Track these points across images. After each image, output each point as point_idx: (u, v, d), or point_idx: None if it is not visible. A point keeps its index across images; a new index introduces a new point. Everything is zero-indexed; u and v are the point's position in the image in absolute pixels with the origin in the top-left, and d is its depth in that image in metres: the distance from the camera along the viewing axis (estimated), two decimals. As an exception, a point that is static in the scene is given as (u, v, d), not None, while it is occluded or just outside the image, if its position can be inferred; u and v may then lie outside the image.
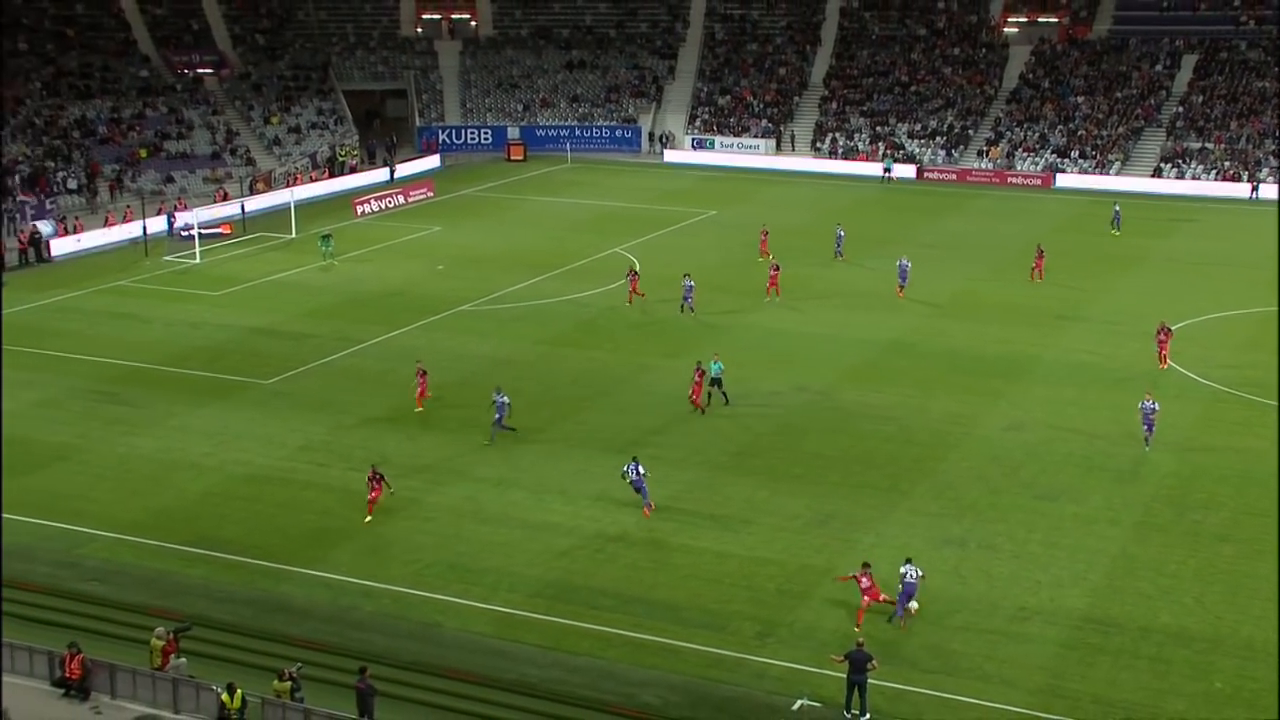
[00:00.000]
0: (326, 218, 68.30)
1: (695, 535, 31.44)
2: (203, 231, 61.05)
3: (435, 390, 40.91)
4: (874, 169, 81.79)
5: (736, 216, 66.30)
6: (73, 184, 70.66)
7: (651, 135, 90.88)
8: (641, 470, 32.25)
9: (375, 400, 40.03)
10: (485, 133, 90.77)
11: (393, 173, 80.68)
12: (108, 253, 61.00)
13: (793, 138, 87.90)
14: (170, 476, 34.44)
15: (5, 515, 31.58)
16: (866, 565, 27.75)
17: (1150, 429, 36.24)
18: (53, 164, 71.83)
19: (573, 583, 29.16)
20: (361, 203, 70.42)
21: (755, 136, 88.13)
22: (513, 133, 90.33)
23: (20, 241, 58.56)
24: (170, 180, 75.01)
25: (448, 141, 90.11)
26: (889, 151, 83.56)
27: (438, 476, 34.58)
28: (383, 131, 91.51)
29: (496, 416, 36.46)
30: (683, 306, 48.25)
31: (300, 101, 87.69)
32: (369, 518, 31.94)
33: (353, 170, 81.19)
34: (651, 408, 39.75)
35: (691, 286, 49.10)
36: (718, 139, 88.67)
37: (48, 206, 65.15)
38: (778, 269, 51.43)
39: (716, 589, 29.01)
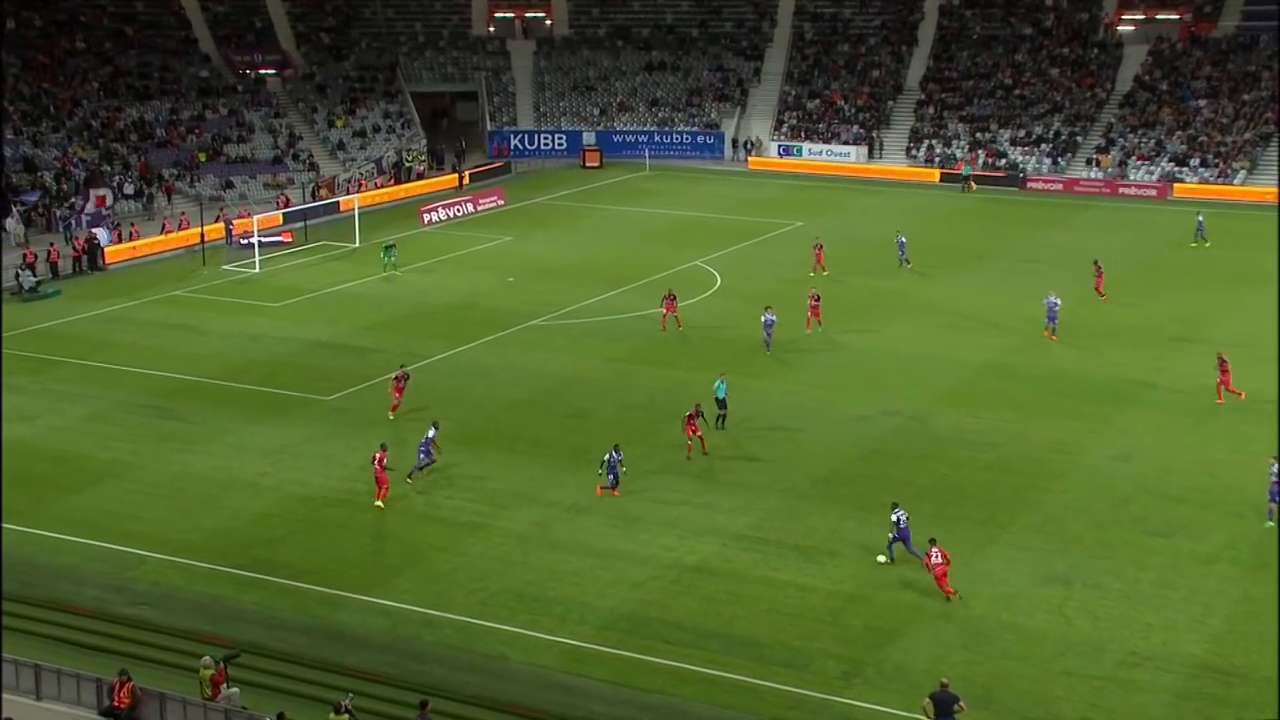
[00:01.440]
0: (391, 226, 69.16)
1: (777, 567, 31.29)
2: (262, 240, 62.11)
3: (505, 408, 41.21)
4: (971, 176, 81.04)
5: (824, 228, 66.00)
6: (129, 189, 72.34)
7: (735, 141, 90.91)
8: (621, 457, 34.69)
9: (441, 415, 40.38)
10: (559, 138, 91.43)
11: (461, 179, 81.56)
12: (164, 261, 62.33)
13: (881, 145, 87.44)
14: (225, 496, 35.02)
15: (53, 535, 32.41)
16: (933, 541, 29.85)
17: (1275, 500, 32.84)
18: (109, 168, 73.59)
19: (646, 615, 29.14)
20: (428, 211, 71.26)
21: (846, 143, 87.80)
22: (588, 138, 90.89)
23: (75, 248, 59.99)
24: (229, 185, 76.49)
25: (520, 147, 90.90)
26: (968, 159, 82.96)
27: (505, 500, 34.78)
28: (451, 136, 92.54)
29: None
30: (766, 344, 46.67)
31: (366, 104, 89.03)
32: (378, 502, 34.02)
33: (420, 176, 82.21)
34: (733, 430, 39.65)
35: (773, 321, 46.51)
36: (805, 145, 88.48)
37: (104, 212, 66.71)
38: (818, 299, 48.91)
39: (799, 624, 28.83)
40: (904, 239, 59.59)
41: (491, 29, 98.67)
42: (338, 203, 71.67)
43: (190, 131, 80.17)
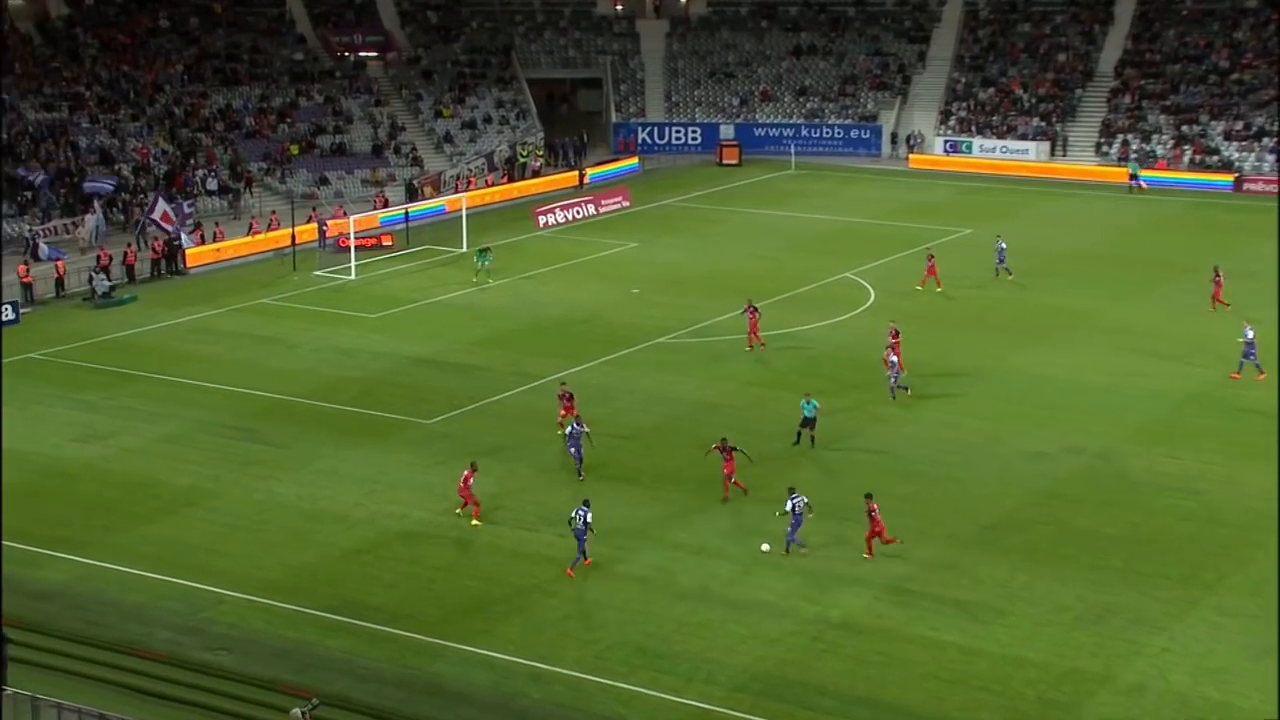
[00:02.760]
0: (502, 229, 70.12)
1: (936, 625, 30.96)
2: (359, 243, 63.45)
3: (626, 437, 41.44)
4: (1182, 178, 79.46)
5: (996, 236, 65.05)
6: (212, 184, 74.47)
7: (894, 136, 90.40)
8: (589, 520, 33.04)
9: (555, 446, 40.77)
10: (693, 131, 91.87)
11: (582, 178, 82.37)
12: (250, 265, 64.00)
13: (1066, 141, 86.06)
14: (313, 529, 35.79)
15: (123, 569, 33.40)
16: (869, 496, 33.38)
17: None
18: (192, 161, 75.86)
19: (784, 675, 29.04)
20: (544, 213, 72.08)
21: (1024, 138, 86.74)
22: (726, 131, 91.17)
23: (154, 250, 61.90)
24: (324, 181, 78.31)
25: (648, 141, 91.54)
26: (1134, 157, 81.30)
27: (626, 540, 34.98)
28: (571, 128, 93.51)
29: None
30: (892, 391, 45.16)
31: (477, 91, 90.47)
32: (475, 521, 35.43)
33: (535, 173, 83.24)
34: (886, 468, 39.44)
35: (895, 355, 45.19)
36: (976, 141, 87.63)
37: (186, 210, 68.73)
38: (897, 335, 46.19)
39: (961, 692, 28.49)
40: (1004, 245, 59.39)
41: (619, 7, 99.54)
42: (444, 203, 72.84)
43: (281, 120, 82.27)
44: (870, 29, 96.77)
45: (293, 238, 64.72)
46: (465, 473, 36.18)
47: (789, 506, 34.12)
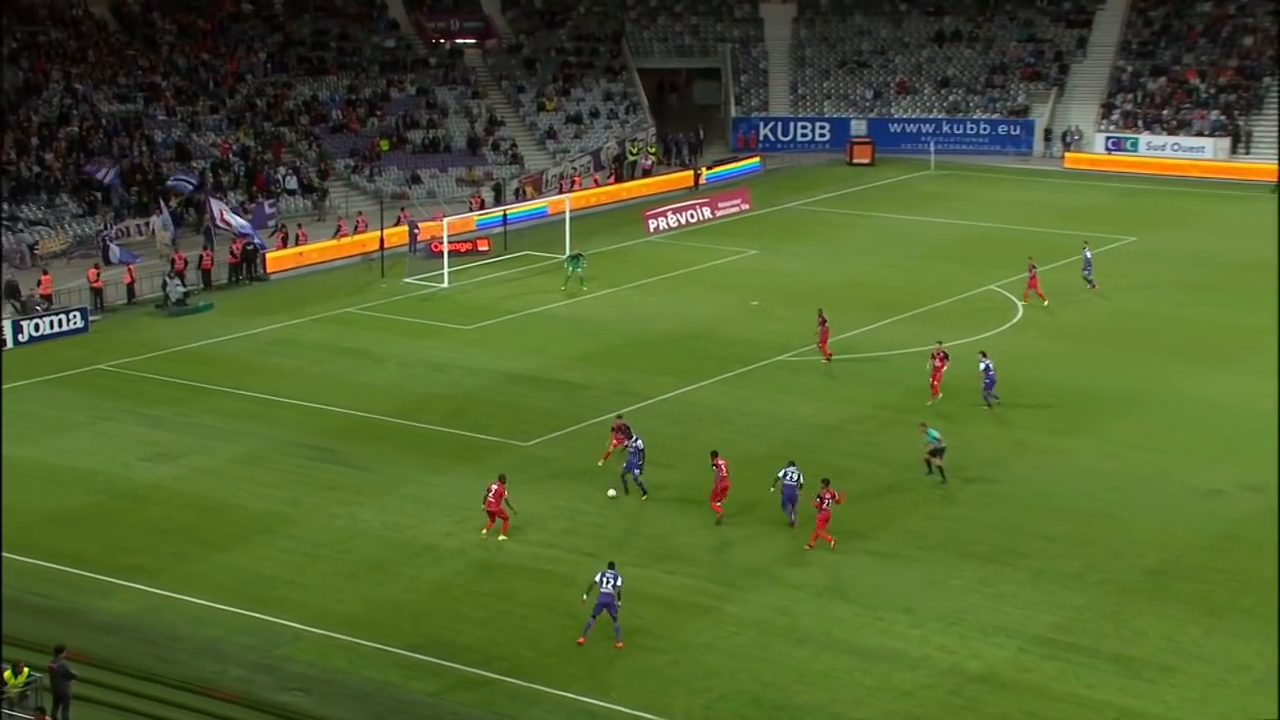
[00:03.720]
0: (608, 234, 70.39)
1: (1091, 681, 30.48)
2: (452, 248, 64.05)
3: (744, 464, 41.31)
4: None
5: (1167, 245, 64.31)
6: (294, 183, 75.62)
7: (1049, 132, 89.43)
8: (619, 584, 31.79)
9: (663, 474, 40.77)
10: (821, 127, 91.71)
11: (697, 178, 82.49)
12: (334, 271, 64.86)
13: (1249, 137, 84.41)
14: (398, 560, 36.08)
15: (195, 600, 33.89)
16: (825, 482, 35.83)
17: None
18: (273, 157, 77.12)
19: (917, 736, 28.79)
20: (656, 216, 72.27)
21: (1200, 134, 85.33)
22: (858, 127, 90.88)
23: (232, 254, 62.97)
24: (416, 180, 79.21)
25: (771, 138, 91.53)
26: None
27: (741, 578, 34.88)
28: (686, 122, 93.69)
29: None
30: (987, 400, 45.70)
31: (583, 82, 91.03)
32: (502, 536, 36.52)
33: (646, 173, 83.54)
34: (1034, 504, 38.96)
35: (988, 367, 45.63)
36: (1144, 138, 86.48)
37: (267, 210, 69.85)
38: (944, 358, 46.30)
39: (1121, 761, 27.99)
40: (1090, 253, 59.20)
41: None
42: (546, 204, 73.31)
43: (371, 114, 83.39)
44: (1023, 12, 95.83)
45: (381, 241, 65.46)
46: (494, 486, 36.78)
47: (781, 474, 37.15)
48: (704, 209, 74.48)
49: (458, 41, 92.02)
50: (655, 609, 33.46)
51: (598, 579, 31.97)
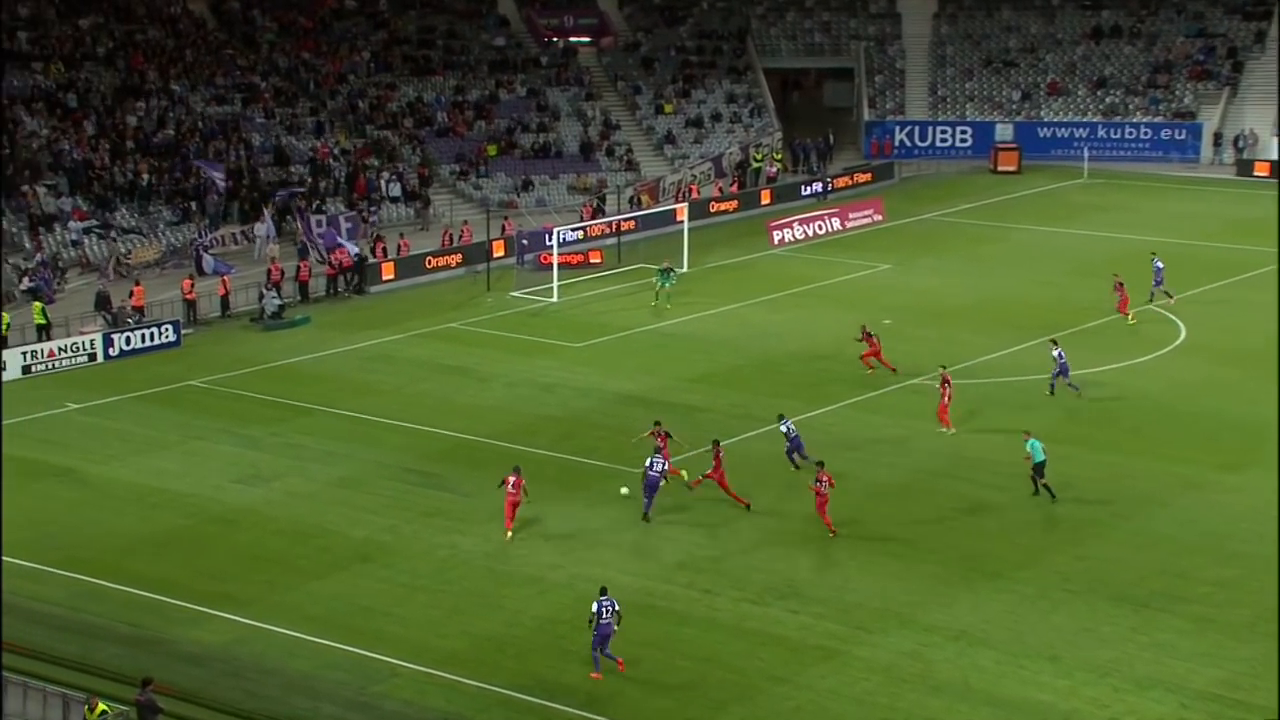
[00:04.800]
0: (730, 246, 70.43)
1: (1256, 742, 29.94)
2: (563, 260, 64.42)
3: (873, 496, 41.16)
4: None
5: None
6: (396, 190, 76.44)
7: (1218, 137, 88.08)
8: (618, 609, 32.38)
9: (786, 504, 40.72)
10: (962, 131, 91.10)
11: (827, 186, 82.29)
12: (438, 283, 65.46)
13: None
14: (502, 593, 36.28)
15: (287, 631, 34.31)
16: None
17: None
18: (376, 162, 78.06)
19: (1060, 795, 28.49)
20: (780, 227, 72.18)
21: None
22: (1003, 132, 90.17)
23: (331, 265, 63.76)
24: (526, 187, 79.75)
25: (907, 143, 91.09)
26: None
27: (869, 619, 34.71)
28: (815, 127, 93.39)
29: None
30: (1052, 388, 48.86)
31: (705, 83, 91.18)
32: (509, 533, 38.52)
33: (771, 181, 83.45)
34: (1199, 545, 38.40)
35: (1061, 355, 48.58)
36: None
37: (367, 219, 70.69)
38: (949, 385, 46.23)
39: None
40: (1161, 264, 58.99)
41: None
42: (664, 213, 73.44)
43: (479, 116, 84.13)
44: (1192, 4, 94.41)
45: (487, 252, 65.98)
46: (512, 477, 38.84)
47: (784, 429, 42.32)
48: (833, 220, 74.26)
49: (571, 40, 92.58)
50: (776, 650, 33.38)
51: (595, 609, 32.35)
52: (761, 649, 33.35)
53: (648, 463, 40.11)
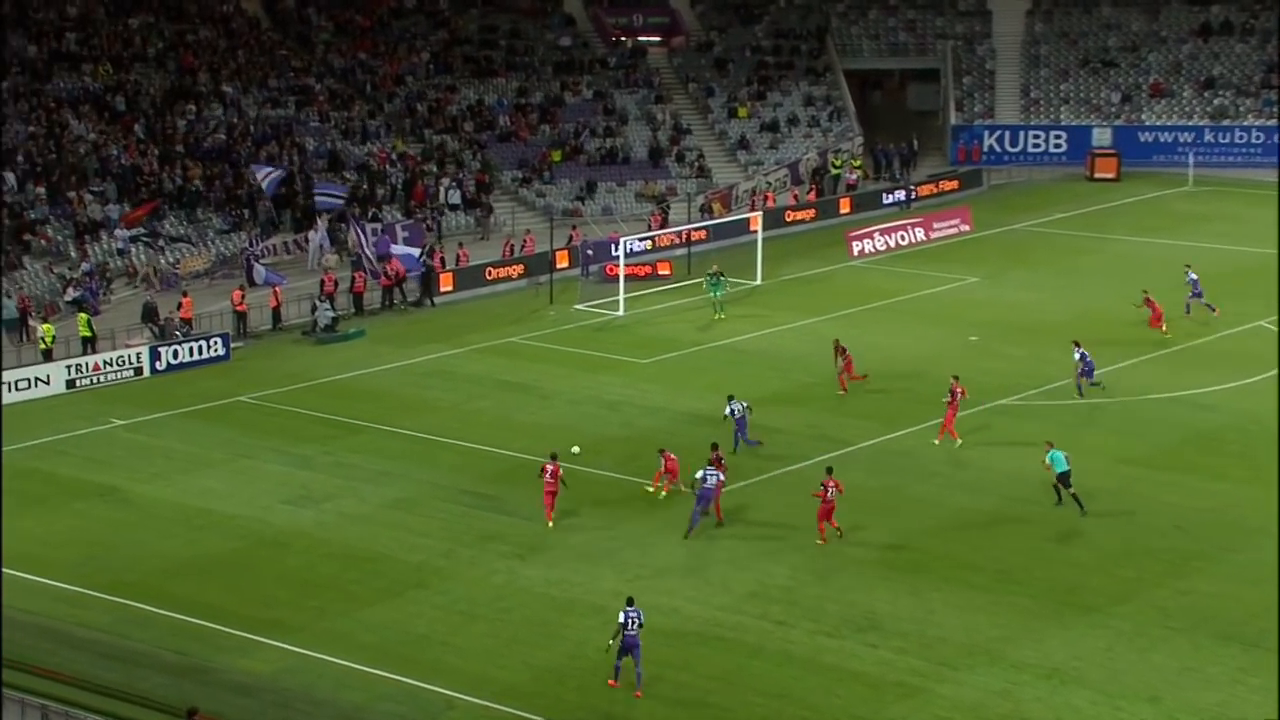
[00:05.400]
0: (807, 257, 70.38)
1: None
2: (629, 271, 64.50)
3: (958, 524, 40.97)
4: None
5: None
6: (455, 197, 76.75)
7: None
8: (643, 622, 33.10)
9: (865, 530, 40.60)
10: (1056, 136, 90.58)
11: (910, 195, 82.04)
12: (498, 296, 65.72)
13: None
14: (563, 622, 36.31)
15: (338, 660, 34.48)
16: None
17: None
18: (435, 168, 78.45)
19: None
20: (860, 237, 72.02)
21: None
22: (1101, 136, 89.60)
23: (386, 275, 64.03)
24: (590, 193, 79.90)
25: (997, 149, 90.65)
26: None
27: (954, 656, 34.53)
28: (898, 131, 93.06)
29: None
30: (1080, 390, 50.70)
31: (781, 85, 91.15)
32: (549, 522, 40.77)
33: (851, 188, 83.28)
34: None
35: (1084, 356, 50.35)
36: None
37: (425, 228, 70.94)
38: (958, 395, 47.17)
39: None
40: (1194, 275, 59.19)
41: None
42: (737, 222, 73.42)
43: (543, 120, 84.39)
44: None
45: (550, 263, 66.16)
46: (549, 465, 40.92)
47: (729, 412, 45.58)
48: (916, 230, 74.03)
49: (640, 39, 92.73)
50: (854, 687, 33.27)
51: (622, 619, 32.72)
52: (838, 685, 33.24)
53: (700, 474, 40.56)
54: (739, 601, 37.05)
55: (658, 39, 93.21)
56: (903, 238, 73.19)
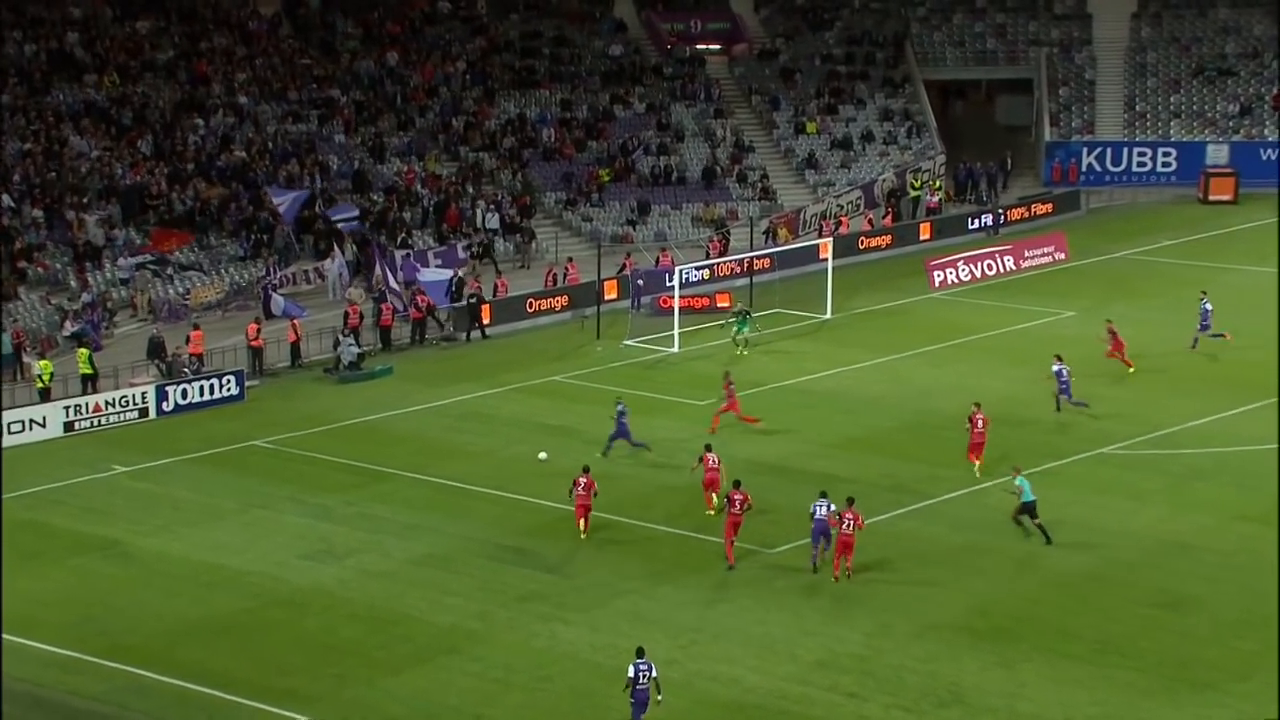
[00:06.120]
0: (883, 288, 70.34)
1: None
2: (685, 303, 64.52)
3: (1053, 586, 40.73)
4: None
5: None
6: (494, 221, 76.84)
7: None
8: (655, 676, 33.45)
9: (947, 592, 40.45)
10: (1164, 154, 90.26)
11: (999, 219, 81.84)
12: (541, 330, 65.95)
13: None
14: (609, 691, 36.04)
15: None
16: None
17: None
18: (471, 189, 78.67)
19: None
20: (942, 266, 71.93)
21: None
22: (1216, 154, 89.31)
23: (417, 308, 64.16)
24: (641, 216, 79.95)
25: (1097, 167, 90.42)
26: None
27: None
28: (986, 148, 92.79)
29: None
30: (1058, 405, 53.67)
31: (854, 97, 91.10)
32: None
33: (932, 211, 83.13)
34: None
35: (1061, 371, 53.31)
36: None
37: (460, 255, 71.13)
38: (978, 425, 49.08)
39: None
40: (1209, 305, 60.99)
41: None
42: (805, 249, 73.36)
43: (590, 136, 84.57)
44: None
45: (598, 294, 66.28)
46: (583, 479, 43.85)
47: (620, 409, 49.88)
48: (1005, 259, 73.86)
49: (698, 47, 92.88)
50: (933, 767, 33.13)
51: (632, 673, 33.29)
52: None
53: (811, 509, 41.82)
54: (806, 671, 36.93)
55: (717, 46, 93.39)
56: (989, 267, 73.04)
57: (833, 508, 41.34)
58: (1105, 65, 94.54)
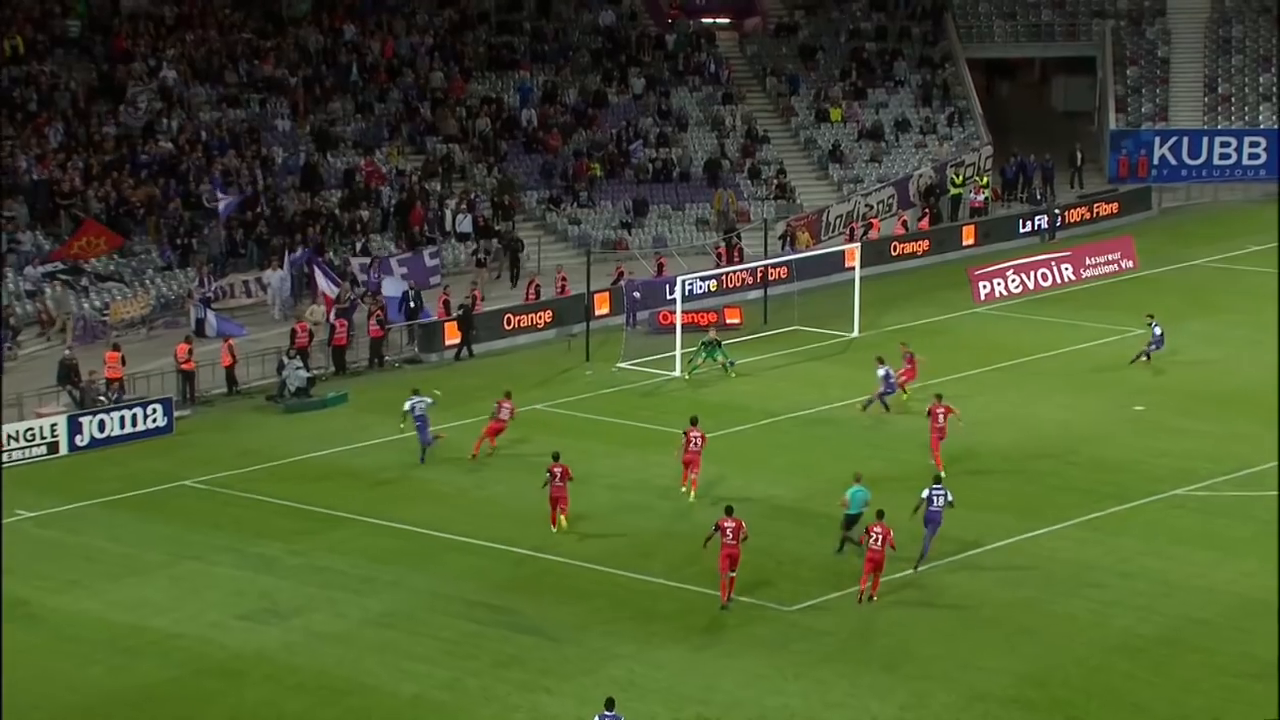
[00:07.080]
0: (920, 301, 70.47)
1: None
2: (688, 319, 64.55)
3: (1120, 649, 40.75)
4: None
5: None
6: (466, 224, 76.65)
7: None
8: None
9: (997, 657, 40.40)
10: (1252, 144, 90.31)
11: (1055, 222, 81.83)
12: (521, 350, 65.99)
13: None
14: (600, 774, 36.28)
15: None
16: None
17: None
18: (438, 186, 78.55)
19: None
20: (988, 276, 72.02)
21: None
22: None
23: (378, 324, 63.98)
24: (638, 219, 79.90)
25: (1171, 160, 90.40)
26: None
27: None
28: (1040, 138, 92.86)
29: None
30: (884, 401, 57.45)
31: (885, 80, 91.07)
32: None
33: (977, 212, 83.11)
34: None
35: (888, 374, 56.50)
36: None
37: (428, 261, 71.05)
38: (938, 417, 52.17)
39: None
40: (1159, 329, 62.90)
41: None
42: (828, 256, 73.39)
43: (579, 124, 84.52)
44: None
45: (587, 308, 66.35)
46: (558, 469, 46.83)
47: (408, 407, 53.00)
48: (1063, 267, 73.96)
49: (705, 20, 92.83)
50: None
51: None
52: None
53: (926, 494, 44.69)
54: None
55: (727, 20, 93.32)
56: (1044, 277, 73.18)
57: (950, 498, 43.89)
58: (1181, 40, 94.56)
